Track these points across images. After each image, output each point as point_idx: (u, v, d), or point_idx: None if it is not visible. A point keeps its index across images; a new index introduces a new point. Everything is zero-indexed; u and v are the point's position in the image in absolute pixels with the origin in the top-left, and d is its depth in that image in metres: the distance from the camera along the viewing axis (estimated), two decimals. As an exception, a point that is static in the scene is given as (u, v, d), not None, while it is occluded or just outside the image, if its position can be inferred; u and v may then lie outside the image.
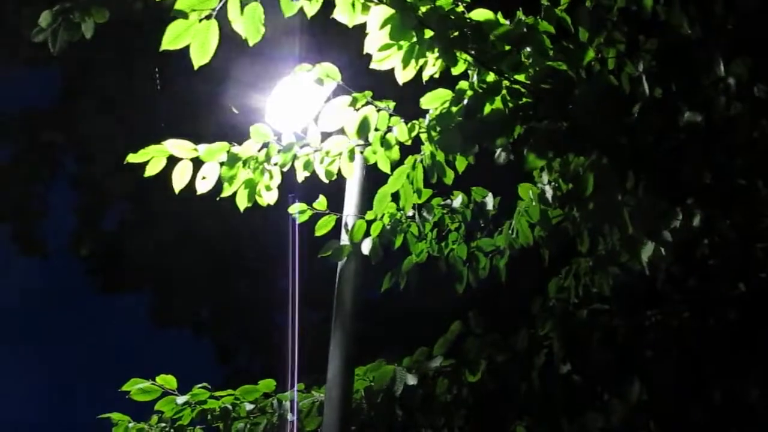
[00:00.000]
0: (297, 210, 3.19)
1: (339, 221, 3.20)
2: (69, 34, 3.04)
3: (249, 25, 2.11)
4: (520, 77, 2.32)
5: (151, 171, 2.79)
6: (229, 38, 2.21)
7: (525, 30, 2.26)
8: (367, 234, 3.13)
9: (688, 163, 2.42)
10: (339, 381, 2.79)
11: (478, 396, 2.99)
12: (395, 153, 2.57)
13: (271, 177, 2.80)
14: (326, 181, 2.84)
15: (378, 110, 2.50)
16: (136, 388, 3.02)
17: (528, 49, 2.28)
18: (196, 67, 2.15)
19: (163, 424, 3.14)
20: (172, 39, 2.12)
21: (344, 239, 3.14)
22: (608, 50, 2.43)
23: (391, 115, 2.53)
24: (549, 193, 2.61)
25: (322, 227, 3.17)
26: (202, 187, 2.83)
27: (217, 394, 3.07)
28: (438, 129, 2.37)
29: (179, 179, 2.81)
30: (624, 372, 2.69)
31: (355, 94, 2.38)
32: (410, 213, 3.14)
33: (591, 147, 2.35)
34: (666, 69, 2.33)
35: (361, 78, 2.55)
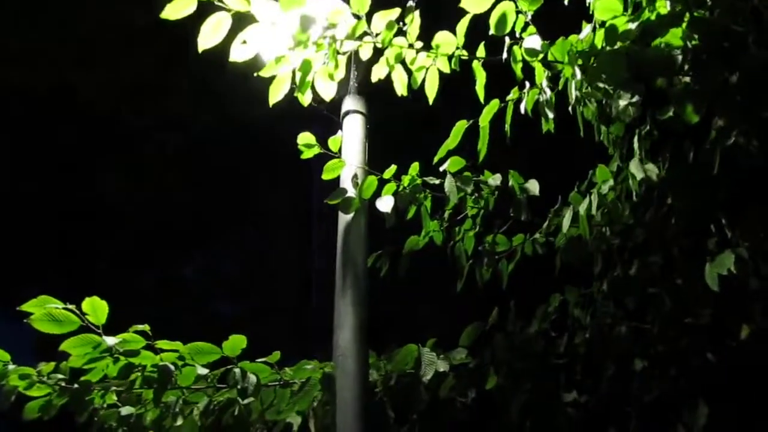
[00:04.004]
0: (303, 142, 2.53)
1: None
2: None
3: None
4: (698, 15, 2.02)
5: (173, 13, 2.05)
6: None
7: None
8: (377, 193, 2.56)
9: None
10: (354, 350, 2.10)
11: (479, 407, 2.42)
12: (518, 69, 2.09)
13: (336, 66, 2.16)
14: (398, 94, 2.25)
15: (517, 13, 2.04)
16: (44, 310, 2.02)
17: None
18: None
19: (61, 376, 2.13)
20: None
21: (351, 191, 2.53)
22: None
23: (526, 24, 2.07)
24: (654, 171, 2.26)
25: (330, 171, 2.55)
26: (240, 53, 2.12)
27: (159, 344, 2.16)
28: (603, 47, 1.95)
29: (210, 35, 2.09)
30: (689, 396, 2.30)
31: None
32: (437, 181, 2.63)
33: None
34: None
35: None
